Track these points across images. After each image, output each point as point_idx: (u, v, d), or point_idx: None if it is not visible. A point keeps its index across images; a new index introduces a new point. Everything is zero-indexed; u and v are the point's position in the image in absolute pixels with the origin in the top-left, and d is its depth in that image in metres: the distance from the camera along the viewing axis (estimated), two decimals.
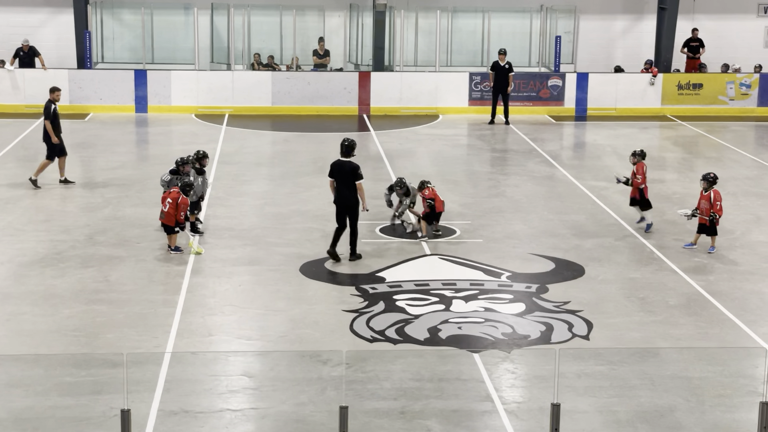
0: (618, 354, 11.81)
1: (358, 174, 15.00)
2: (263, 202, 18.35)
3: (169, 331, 12.35)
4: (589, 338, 12.41)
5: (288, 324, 12.70)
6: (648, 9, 30.69)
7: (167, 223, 15.31)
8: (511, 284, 14.25)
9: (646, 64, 29.16)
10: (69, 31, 28.79)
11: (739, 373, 11.45)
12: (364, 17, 29.69)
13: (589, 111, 28.43)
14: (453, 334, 12.41)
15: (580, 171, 21.41)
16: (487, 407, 10.51)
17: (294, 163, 21.83)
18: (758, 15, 31.19)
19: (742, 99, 28.85)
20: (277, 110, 27.83)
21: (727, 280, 14.57)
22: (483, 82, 28.14)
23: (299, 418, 10.20)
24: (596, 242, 16.24)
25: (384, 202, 17.05)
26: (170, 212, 15.24)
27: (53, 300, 13.34)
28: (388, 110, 28.04)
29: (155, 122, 26.44)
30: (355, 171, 14.99)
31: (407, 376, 11.15)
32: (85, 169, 21.21)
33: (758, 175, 21.39)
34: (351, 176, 14.98)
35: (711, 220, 15.70)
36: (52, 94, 19.75)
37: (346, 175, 15.01)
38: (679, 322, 12.99)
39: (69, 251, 15.40)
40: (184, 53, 29.26)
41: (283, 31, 29.76)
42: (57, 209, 17.78)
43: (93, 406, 10.31)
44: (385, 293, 13.78)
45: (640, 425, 10.15)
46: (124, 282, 14.07)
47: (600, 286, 14.23)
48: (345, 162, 15.08)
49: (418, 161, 22.22)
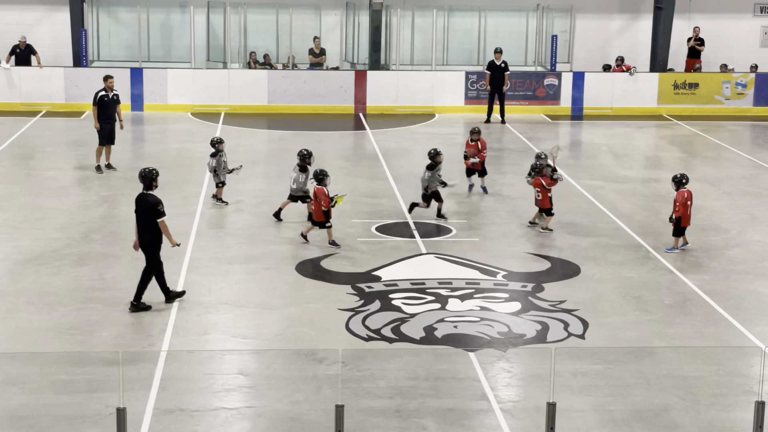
0: (613, 353, 11.82)
1: (159, 211, 12.91)
2: (259, 200, 18.34)
3: (165, 330, 12.34)
4: (585, 337, 12.41)
5: (284, 322, 12.70)
6: (644, 8, 30.70)
7: (318, 219, 15.60)
8: (506, 283, 14.25)
9: (617, 60, 29.18)
10: (65, 29, 28.75)
11: (735, 373, 11.46)
12: (361, 16, 29.68)
13: (585, 110, 28.44)
14: (449, 333, 12.41)
15: (576, 170, 21.42)
16: (482, 406, 10.51)
17: (290, 162, 21.70)
18: (754, 15, 31.21)
19: (738, 98, 28.87)
20: (273, 109, 27.81)
21: (723, 280, 14.58)
22: (479, 81, 28.14)
23: (295, 417, 10.20)
24: (592, 241, 16.25)
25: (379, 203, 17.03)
26: (316, 209, 15.55)
27: (49, 298, 13.33)
28: (385, 109, 28.04)
29: (151, 120, 26.42)
30: (155, 207, 12.93)
31: (403, 374, 11.16)
32: (81, 167, 21.17)
33: (754, 174, 21.41)
34: (152, 212, 12.92)
35: (671, 219, 15.73)
36: (105, 82, 20.34)
37: (145, 210, 13.00)
38: (674, 321, 13.00)
39: (64, 249, 15.38)
40: (180, 51, 29.23)
41: (280, 29, 29.74)
42: (52, 207, 17.76)
43: (88, 404, 10.30)
44: (381, 292, 13.78)
45: (635, 424, 10.16)
46: (120, 280, 14.06)
47: (595, 285, 14.24)
48: (145, 195, 13.12)
49: (414, 160, 22.21)
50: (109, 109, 20.38)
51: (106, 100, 20.30)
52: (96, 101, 20.32)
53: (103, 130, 20.31)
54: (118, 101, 20.62)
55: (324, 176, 15.62)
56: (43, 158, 21.81)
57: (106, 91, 20.30)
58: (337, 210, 17.79)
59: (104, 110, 20.29)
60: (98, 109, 20.28)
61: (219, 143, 17.96)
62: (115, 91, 20.55)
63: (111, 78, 20.59)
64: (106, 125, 20.35)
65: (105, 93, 20.28)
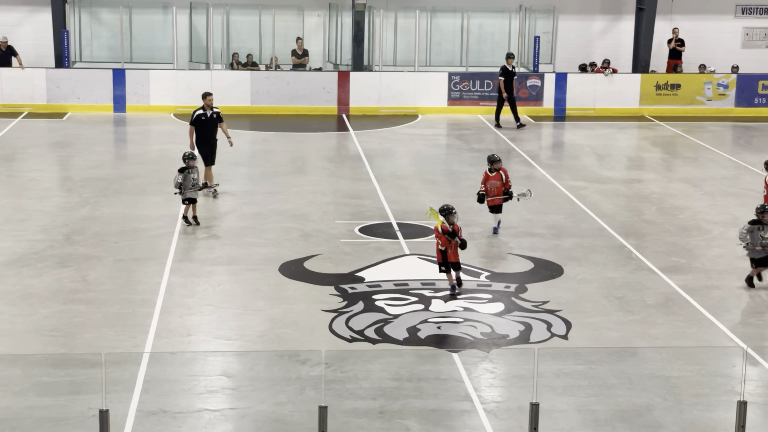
0: (596, 353, 11.85)
1: None
2: (242, 201, 18.31)
3: (148, 331, 12.31)
4: (568, 338, 12.44)
5: (267, 324, 12.69)
6: (626, 9, 30.79)
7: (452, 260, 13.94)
8: (490, 284, 14.28)
9: (604, 63, 29.25)
10: (47, 30, 28.61)
11: (717, 372, 11.51)
12: (344, 17, 29.67)
13: (568, 111, 28.51)
14: (432, 334, 12.42)
15: (559, 171, 21.47)
16: (466, 407, 10.52)
17: (273, 163, 21.79)
18: (736, 16, 31.35)
19: (720, 99, 29.00)
20: (256, 110, 27.77)
21: (705, 280, 14.64)
22: (462, 83, 28.17)
23: (278, 418, 10.19)
24: (575, 242, 16.29)
25: (362, 204, 17.04)
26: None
27: (31, 300, 13.27)
28: (367, 110, 28.04)
29: (133, 122, 26.34)
30: None
31: (386, 375, 11.16)
32: (63, 168, 21.11)
33: (735, 175, 21.51)
34: None
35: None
36: (204, 100, 18.72)
37: None
38: (657, 321, 13.05)
39: (47, 251, 15.32)
40: (163, 52, 29.14)
41: (262, 30, 29.69)
42: (35, 209, 17.69)
43: (71, 406, 10.26)
44: (364, 293, 13.78)
45: (618, 424, 10.19)
46: (102, 282, 14.02)
47: (578, 286, 14.28)
48: None
49: (397, 161, 22.23)
50: (209, 129, 18.70)
51: (204, 119, 18.61)
52: (193, 120, 18.69)
53: (202, 152, 18.51)
54: (219, 119, 18.75)
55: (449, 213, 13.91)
56: (25, 160, 21.72)
57: (204, 109, 18.59)
58: (320, 210, 17.82)
59: (203, 130, 18.63)
60: (196, 128, 18.60)
61: (190, 159, 16.77)
62: (215, 109, 18.70)
63: (210, 95, 18.76)
64: (206, 146, 18.64)
65: (203, 112, 18.59)
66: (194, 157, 16.95)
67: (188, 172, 16.71)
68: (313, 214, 17.61)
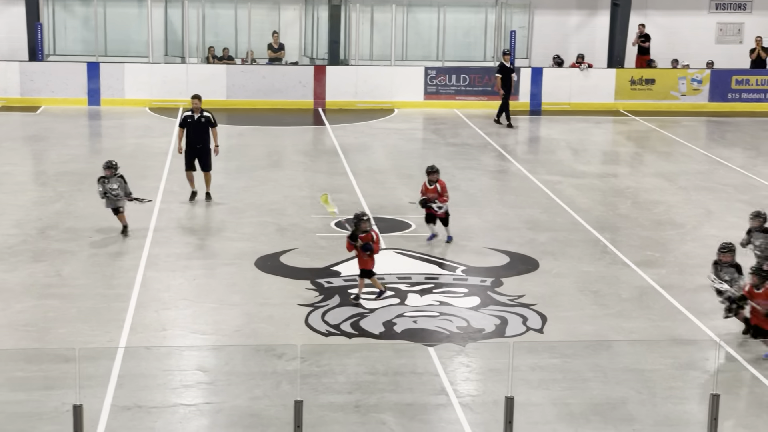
0: (571, 347, 11.90)
1: None
2: (218, 195, 18.25)
3: (122, 326, 12.26)
4: (543, 331, 12.49)
5: (243, 318, 12.66)
6: (601, 5, 30.89)
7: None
8: (466, 278, 14.30)
9: (578, 58, 29.34)
10: (20, 23, 28.40)
11: (690, 366, 11.59)
12: (320, 11, 29.62)
13: (544, 106, 28.57)
14: (408, 328, 12.43)
15: (534, 165, 21.53)
16: (441, 401, 10.55)
17: (249, 157, 21.73)
18: (710, 11, 31.51)
19: (694, 94, 29.14)
20: (231, 104, 27.69)
21: (679, 274, 14.73)
22: (438, 77, 28.19)
23: (254, 413, 10.17)
24: (550, 236, 16.34)
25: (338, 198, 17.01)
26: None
27: (4, 294, 13.19)
28: (344, 104, 28.01)
29: (108, 115, 26.21)
30: None
31: (362, 369, 11.16)
32: (37, 162, 20.98)
33: (709, 169, 21.63)
34: None
35: None
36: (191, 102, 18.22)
37: None
38: (631, 315, 13.11)
39: (20, 245, 15.22)
40: (138, 46, 29.01)
41: (238, 24, 29.60)
42: (8, 203, 17.57)
43: (45, 401, 10.21)
44: (340, 287, 13.78)
45: (592, 417, 10.24)
46: (77, 276, 13.95)
47: (554, 280, 14.33)
48: None
49: (373, 155, 22.22)
50: (196, 133, 17.91)
51: (190, 122, 17.90)
52: (180, 122, 18.19)
53: (188, 155, 17.96)
54: (209, 123, 17.96)
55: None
56: None
57: (192, 111, 17.98)
58: (296, 204, 17.79)
59: (189, 134, 17.93)
60: (186, 131, 17.96)
61: (107, 168, 15.78)
62: (205, 113, 17.96)
63: (195, 98, 18.12)
64: (192, 150, 17.93)
65: (190, 114, 17.93)
66: (111, 166, 15.83)
67: (104, 181, 15.80)
68: (289, 208, 17.59)
